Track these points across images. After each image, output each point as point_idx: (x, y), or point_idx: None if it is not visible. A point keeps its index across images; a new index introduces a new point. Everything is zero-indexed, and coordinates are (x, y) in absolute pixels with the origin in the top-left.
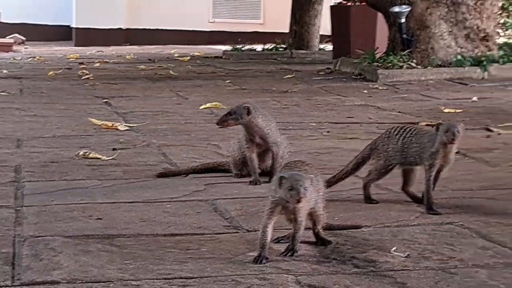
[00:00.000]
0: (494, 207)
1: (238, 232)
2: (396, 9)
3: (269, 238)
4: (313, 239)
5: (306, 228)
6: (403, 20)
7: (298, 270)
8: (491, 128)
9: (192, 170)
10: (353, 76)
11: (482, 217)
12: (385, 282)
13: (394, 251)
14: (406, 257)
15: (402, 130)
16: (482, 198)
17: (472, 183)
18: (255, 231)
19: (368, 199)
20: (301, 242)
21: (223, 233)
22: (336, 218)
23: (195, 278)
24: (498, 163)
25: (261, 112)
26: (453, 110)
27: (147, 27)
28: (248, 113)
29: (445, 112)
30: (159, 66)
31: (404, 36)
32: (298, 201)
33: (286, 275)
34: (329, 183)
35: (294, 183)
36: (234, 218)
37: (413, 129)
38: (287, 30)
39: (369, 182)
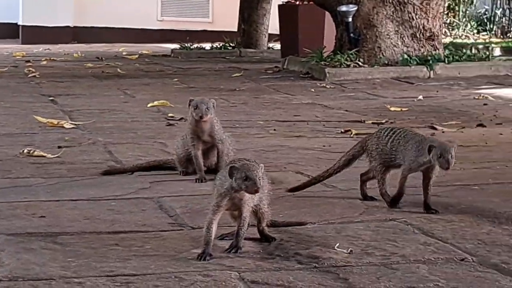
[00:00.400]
0: (437, 203)
1: (182, 230)
2: (343, 8)
3: (213, 235)
4: (257, 236)
5: (250, 225)
6: (350, 19)
7: (241, 267)
8: (436, 126)
9: (138, 168)
10: (301, 75)
11: (425, 213)
12: (328, 278)
13: (338, 247)
14: (349, 253)
15: (391, 132)
16: None
17: (415, 180)
18: (200, 228)
19: (388, 202)
20: (245, 239)
21: (168, 231)
22: (281, 215)
23: (138, 275)
24: None
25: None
26: (399, 109)
27: (95, 25)
28: (214, 107)
29: (391, 111)
30: (106, 64)
31: (351, 35)
32: (256, 191)
33: (229, 272)
34: (320, 178)
35: (249, 173)
36: (179, 216)
37: (402, 132)
38: (235, 29)
39: (382, 188)
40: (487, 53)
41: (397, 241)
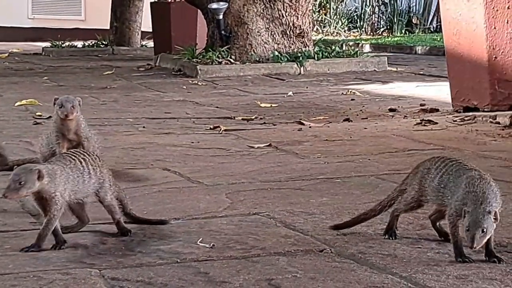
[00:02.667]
0: (300, 196)
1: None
2: (214, 5)
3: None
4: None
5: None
6: (221, 17)
7: (102, 264)
8: (303, 122)
9: (1, 168)
10: (173, 72)
11: (288, 207)
12: (188, 272)
13: (200, 242)
14: (211, 247)
15: (443, 165)
16: (289, 189)
17: (280, 174)
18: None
19: (387, 231)
20: (104, 234)
21: (29, 230)
22: (145, 212)
23: None
24: (307, 155)
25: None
26: (269, 105)
27: None
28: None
29: (261, 107)
30: None
31: (223, 32)
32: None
33: (89, 269)
34: (373, 213)
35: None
36: (41, 215)
37: (454, 167)
38: (108, 27)
39: (395, 211)
40: (356, 50)
41: (259, 235)
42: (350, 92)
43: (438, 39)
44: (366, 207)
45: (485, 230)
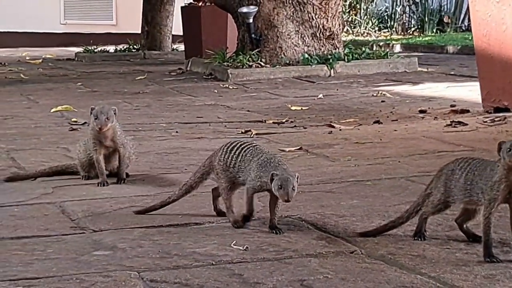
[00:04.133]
0: (330, 199)
1: (84, 233)
2: (244, 9)
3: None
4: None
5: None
6: (251, 20)
7: (141, 267)
8: (334, 124)
9: (40, 174)
10: (204, 76)
11: (319, 209)
12: (223, 274)
13: (234, 244)
14: (245, 249)
15: (466, 164)
16: (320, 191)
17: (311, 177)
18: (101, 231)
19: (416, 234)
20: (141, 239)
21: (70, 234)
22: (181, 216)
23: (41, 278)
24: (338, 157)
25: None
26: (299, 108)
27: None
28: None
29: (292, 110)
30: (9, 70)
31: (253, 36)
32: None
33: (129, 272)
34: (400, 221)
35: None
36: (81, 219)
37: (478, 163)
38: (140, 31)
39: (424, 214)
40: (386, 50)
41: (291, 237)
42: (380, 93)
43: (470, 38)
44: (396, 209)
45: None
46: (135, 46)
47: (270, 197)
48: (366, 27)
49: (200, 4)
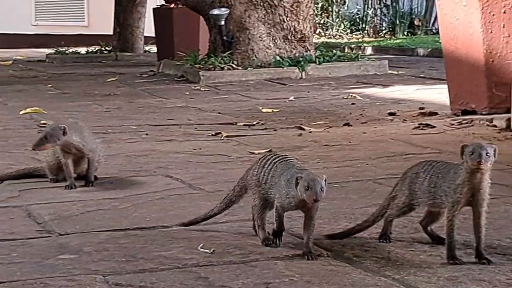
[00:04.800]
0: None
1: (50, 236)
2: (216, 11)
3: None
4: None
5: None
6: (222, 23)
7: (106, 270)
8: (303, 127)
9: (7, 177)
10: (176, 78)
11: (286, 212)
12: (189, 277)
13: (201, 247)
14: (211, 253)
15: (430, 167)
16: None
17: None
18: (67, 234)
19: (382, 236)
20: (107, 243)
21: (35, 238)
22: (148, 219)
23: (4, 282)
24: (307, 160)
25: (74, 127)
26: (270, 110)
27: None
28: (64, 133)
29: (263, 112)
30: None
31: (225, 38)
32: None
33: (94, 275)
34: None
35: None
36: (47, 223)
37: (441, 166)
38: (111, 33)
39: (389, 217)
40: (358, 53)
41: (257, 240)
42: (351, 96)
43: (440, 41)
44: (363, 212)
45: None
46: (107, 48)
47: (304, 217)
48: (338, 29)
49: (172, 6)
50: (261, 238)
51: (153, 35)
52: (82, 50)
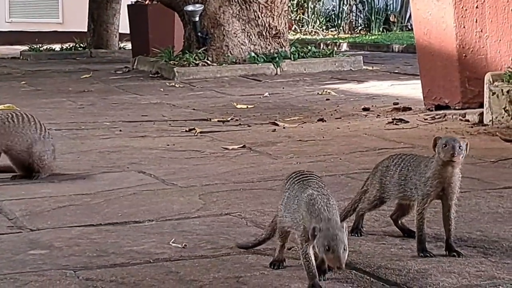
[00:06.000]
0: (271, 196)
1: (21, 232)
2: (190, 8)
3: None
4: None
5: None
6: (197, 19)
7: (77, 265)
8: (278, 122)
9: None
10: (151, 75)
11: (259, 206)
12: (160, 272)
13: (173, 242)
14: (183, 247)
15: (400, 160)
16: (261, 189)
17: (253, 175)
18: (38, 230)
19: (354, 230)
20: (79, 238)
21: (6, 234)
22: (120, 214)
23: None
24: (280, 155)
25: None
26: (245, 106)
27: None
28: None
29: (237, 108)
30: None
31: (199, 34)
32: (339, 268)
33: (64, 270)
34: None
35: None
36: (19, 219)
37: (411, 159)
38: (86, 29)
39: (360, 210)
40: (332, 49)
41: (229, 234)
42: (326, 92)
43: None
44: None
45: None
46: (81, 45)
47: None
48: (313, 26)
49: (146, 2)
50: (274, 258)
51: (128, 31)
52: (57, 47)
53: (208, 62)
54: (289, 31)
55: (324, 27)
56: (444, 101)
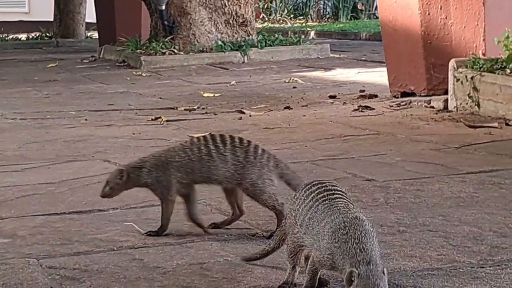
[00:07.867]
0: None
1: None
2: None
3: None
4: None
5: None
6: (163, 7)
7: (40, 253)
8: (244, 111)
9: None
10: (117, 64)
11: (223, 193)
12: (124, 259)
13: (134, 224)
14: (147, 234)
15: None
16: None
17: None
18: (2, 219)
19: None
20: (42, 227)
21: None
22: (85, 202)
23: None
24: None
25: None
26: (211, 95)
27: None
28: None
29: (204, 97)
30: None
31: (166, 23)
32: None
33: (28, 259)
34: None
35: None
36: None
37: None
38: (52, 19)
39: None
40: (300, 37)
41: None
42: (292, 80)
43: None
44: None
45: None
46: (47, 34)
47: None
48: (281, 14)
49: None
50: (284, 280)
51: (95, 21)
52: (23, 36)
53: (175, 50)
54: (257, 19)
55: (292, 16)
56: (410, 88)
